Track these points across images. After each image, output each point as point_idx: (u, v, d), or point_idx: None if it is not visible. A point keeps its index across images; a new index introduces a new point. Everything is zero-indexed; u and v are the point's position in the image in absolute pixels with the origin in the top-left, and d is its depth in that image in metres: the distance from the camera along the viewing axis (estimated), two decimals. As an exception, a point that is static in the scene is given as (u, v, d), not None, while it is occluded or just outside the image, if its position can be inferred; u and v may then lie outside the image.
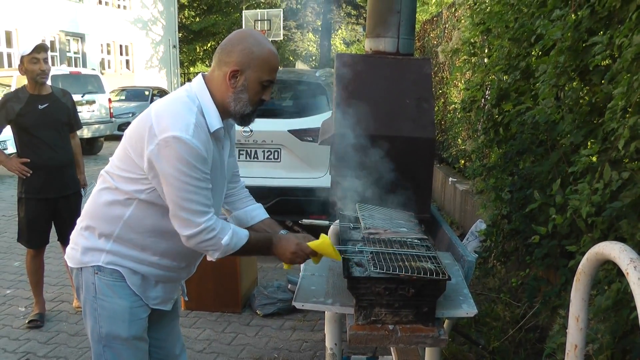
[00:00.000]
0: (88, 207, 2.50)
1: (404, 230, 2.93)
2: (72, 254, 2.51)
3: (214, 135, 2.33)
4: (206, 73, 2.41)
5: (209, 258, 2.44)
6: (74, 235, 2.54)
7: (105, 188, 2.43)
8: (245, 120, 2.42)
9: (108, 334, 2.44)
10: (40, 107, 4.70)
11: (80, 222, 2.52)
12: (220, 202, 2.58)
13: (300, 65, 34.91)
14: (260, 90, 2.35)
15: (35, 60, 4.61)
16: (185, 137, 2.16)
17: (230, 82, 2.30)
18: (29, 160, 4.67)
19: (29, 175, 4.67)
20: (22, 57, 4.63)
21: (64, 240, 4.97)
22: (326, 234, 3.45)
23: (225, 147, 2.50)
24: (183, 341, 2.93)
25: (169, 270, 2.52)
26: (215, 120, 2.31)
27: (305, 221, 3.24)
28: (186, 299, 2.96)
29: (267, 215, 2.82)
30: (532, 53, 4.15)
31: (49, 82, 4.81)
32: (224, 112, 2.37)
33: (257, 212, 2.81)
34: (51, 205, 4.79)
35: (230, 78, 2.30)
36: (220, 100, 2.34)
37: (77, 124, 5.05)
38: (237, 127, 6.38)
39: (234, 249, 2.38)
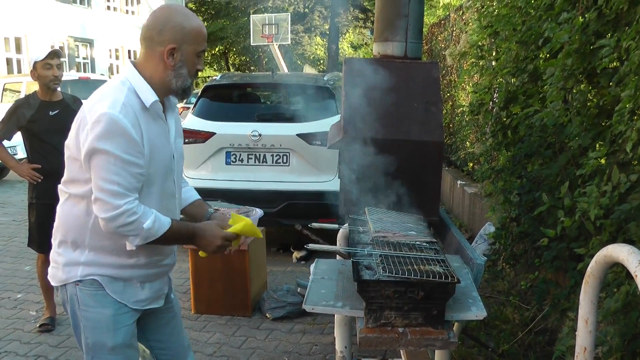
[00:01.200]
0: (56, 223, 2.48)
1: (413, 234, 2.94)
2: (53, 272, 2.50)
3: (152, 110, 2.34)
4: (135, 60, 2.41)
5: (128, 247, 2.34)
6: (52, 255, 2.52)
7: (65, 200, 2.44)
8: (186, 93, 2.42)
9: (95, 345, 2.43)
10: (51, 113, 4.73)
11: (54, 239, 2.50)
12: (172, 184, 2.53)
13: (308, 69, 34.90)
14: (197, 61, 2.38)
15: (48, 66, 4.64)
16: (111, 113, 2.17)
17: (169, 60, 2.31)
18: (39, 166, 4.70)
19: (39, 180, 4.70)
20: (35, 63, 4.64)
21: None
22: (335, 237, 3.48)
23: (171, 126, 2.50)
24: (188, 340, 2.90)
25: (151, 267, 2.50)
26: (149, 95, 2.32)
27: (315, 225, 3.26)
28: (172, 296, 2.79)
29: (199, 197, 2.80)
30: (540, 56, 4.16)
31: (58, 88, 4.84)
32: (164, 91, 2.39)
33: (190, 194, 2.77)
34: None
35: (168, 56, 2.31)
36: (159, 80, 2.35)
37: None
38: (245, 132, 6.42)
39: (155, 235, 2.30)
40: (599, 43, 2.99)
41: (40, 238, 4.84)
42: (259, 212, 5.26)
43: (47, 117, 4.71)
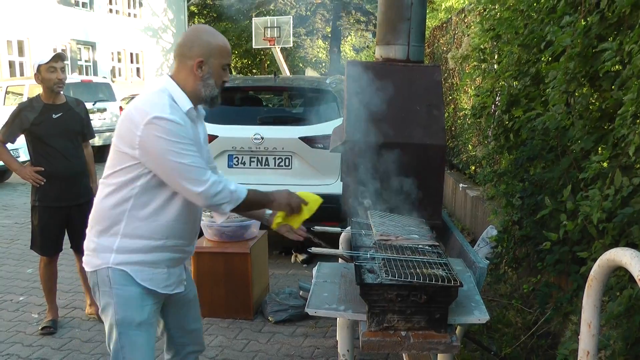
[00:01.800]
0: (93, 214, 2.71)
1: (416, 237, 2.94)
2: (88, 259, 2.72)
3: (188, 115, 2.62)
4: (171, 73, 2.72)
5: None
6: (86, 243, 2.74)
7: (106, 193, 2.66)
8: (214, 102, 2.72)
9: (123, 320, 2.65)
10: (54, 116, 4.73)
11: (90, 229, 2.73)
12: None
13: (309, 72, 34.89)
14: (222, 73, 2.69)
15: (52, 69, 4.64)
16: (164, 115, 2.47)
17: (197, 72, 2.63)
18: (43, 168, 4.70)
19: (42, 183, 4.70)
20: (39, 66, 4.64)
21: (77, 248, 5.01)
22: (338, 240, 3.49)
23: (201, 131, 2.80)
24: (200, 321, 3.15)
25: (176, 251, 2.74)
26: (185, 102, 2.61)
27: (318, 228, 3.26)
28: (190, 282, 3.10)
29: None
30: (542, 59, 4.16)
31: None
32: (195, 100, 2.67)
33: None
34: (64, 213, 4.82)
35: (197, 68, 2.62)
36: (191, 90, 2.65)
37: (90, 133, 5.08)
38: (247, 135, 6.42)
39: (239, 198, 2.64)
40: (601, 46, 2.99)
41: (42, 241, 4.84)
42: None
43: (50, 120, 4.72)
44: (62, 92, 4.83)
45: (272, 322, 5.01)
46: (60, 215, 4.82)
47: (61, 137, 4.76)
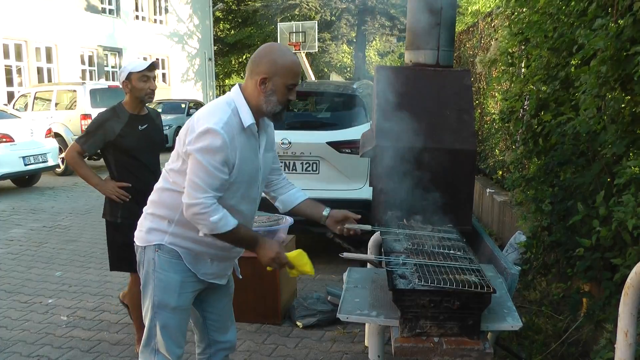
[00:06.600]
0: (153, 198, 2.96)
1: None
2: (139, 235, 3.00)
3: (248, 130, 2.76)
4: (242, 83, 2.85)
5: (199, 233, 2.78)
6: (141, 220, 3.01)
7: (166, 183, 2.89)
8: (277, 117, 2.85)
9: (160, 302, 2.90)
10: (140, 128, 4.36)
11: (147, 210, 2.99)
12: (255, 191, 2.95)
13: (334, 77, 34.92)
14: (287, 92, 2.77)
15: (145, 79, 4.26)
16: (215, 128, 2.60)
17: (261, 88, 2.73)
18: (129, 184, 4.34)
19: (127, 200, 4.33)
20: (131, 74, 4.25)
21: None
22: (369, 239, 3.47)
23: (262, 143, 2.91)
24: (234, 318, 3.33)
25: (222, 249, 2.92)
26: (247, 117, 2.74)
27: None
28: (240, 277, 3.36)
29: (307, 197, 3.22)
30: (572, 63, 4.12)
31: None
32: (259, 112, 2.79)
33: (298, 195, 3.22)
34: None
35: (261, 84, 2.72)
36: (255, 103, 2.77)
37: (162, 148, 4.69)
38: (277, 140, 6.42)
39: (219, 229, 2.70)
40: (634, 49, 2.95)
41: (132, 256, 4.22)
42: (289, 220, 5.28)
43: (136, 132, 4.34)
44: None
45: (300, 327, 5.02)
46: None
47: (148, 150, 4.43)
